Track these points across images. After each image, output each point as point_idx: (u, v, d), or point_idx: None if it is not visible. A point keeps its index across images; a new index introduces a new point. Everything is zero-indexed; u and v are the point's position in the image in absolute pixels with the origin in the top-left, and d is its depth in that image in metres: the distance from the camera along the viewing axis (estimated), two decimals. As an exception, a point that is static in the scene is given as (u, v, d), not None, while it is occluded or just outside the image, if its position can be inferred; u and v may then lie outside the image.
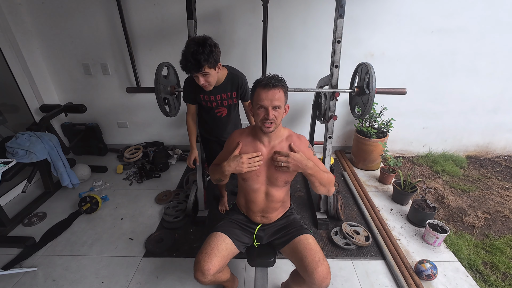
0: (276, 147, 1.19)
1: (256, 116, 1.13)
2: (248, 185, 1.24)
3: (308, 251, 1.13)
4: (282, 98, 1.10)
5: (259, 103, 1.09)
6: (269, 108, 1.08)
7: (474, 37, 2.40)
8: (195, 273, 1.12)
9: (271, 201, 1.26)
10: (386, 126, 2.58)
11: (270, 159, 1.19)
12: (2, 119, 2.29)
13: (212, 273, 1.10)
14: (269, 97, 1.07)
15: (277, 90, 1.08)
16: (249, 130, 1.25)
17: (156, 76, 1.63)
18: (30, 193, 2.31)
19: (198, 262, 1.11)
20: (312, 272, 1.07)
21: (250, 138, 1.22)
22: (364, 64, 1.70)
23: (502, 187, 2.45)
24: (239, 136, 1.24)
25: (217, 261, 1.12)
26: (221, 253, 1.15)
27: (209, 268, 1.09)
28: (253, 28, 2.40)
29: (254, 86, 1.14)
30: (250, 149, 1.20)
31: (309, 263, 1.09)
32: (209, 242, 1.18)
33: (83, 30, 2.49)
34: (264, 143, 1.20)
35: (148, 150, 2.85)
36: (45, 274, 1.62)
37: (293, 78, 2.59)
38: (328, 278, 1.09)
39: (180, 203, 2.14)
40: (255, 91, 1.13)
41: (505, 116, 2.76)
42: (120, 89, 2.77)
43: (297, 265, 1.18)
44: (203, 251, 1.15)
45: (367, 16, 2.35)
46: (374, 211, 2.05)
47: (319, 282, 1.07)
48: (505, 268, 1.65)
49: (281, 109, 1.11)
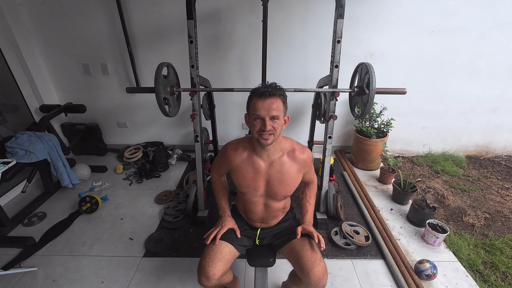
0: (276, 162, 1.13)
1: (252, 127, 1.06)
2: (247, 198, 1.22)
3: (305, 251, 1.12)
4: (280, 108, 1.03)
5: (255, 113, 1.03)
6: (266, 118, 1.01)
7: (474, 37, 2.40)
8: (199, 279, 1.10)
9: (270, 212, 1.25)
10: (386, 126, 2.58)
11: (269, 174, 1.15)
12: (2, 119, 2.29)
13: (217, 278, 1.09)
14: (266, 107, 1.00)
15: (275, 99, 1.01)
16: (245, 143, 1.18)
17: (156, 76, 1.62)
18: (30, 193, 2.31)
19: (203, 268, 1.09)
20: (308, 273, 1.06)
21: (246, 154, 1.15)
22: (364, 64, 1.70)
23: (502, 187, 2.45)
24: (234, 152, 1.17)
25: (221, 266, 1.11)
26: (224, 257, 1.14)
27: (214, 273, 1.08)
28: (253, 28, 2.40)
29: (250, 95, 1.07)
30: (248, 166, 1.15)
31: (305, 263, 1.09)
32: (212, 247, 1.15)
33: (83, 30, 2.48)
34: (263, 158, 1.14)
35: (148, 150, 2.85)
36: (45, 274, 1.62)
37: (292, 78, 2.61)
38: (325, 278, 1.08)
39: (180, 203, 2.14)
40: (251, 101, 1.06)
41: (505, 116, 2.76)
42: (120, 89, 2.77)
43: (294, 265, 1.18)
44: (206, 256, 1.12)
45: (367, 16, 2.34)
46: (374, 211, 2.05)
47: (315, 282, 1.06)
48: (505, 268, 1.65)
49: (280, 120, 1.04)
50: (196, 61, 1.78)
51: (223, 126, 2.92)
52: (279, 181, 1.16)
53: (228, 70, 2.62)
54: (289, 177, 1.16)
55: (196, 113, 1.87)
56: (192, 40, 1.72)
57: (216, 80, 2.60)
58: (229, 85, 2.62)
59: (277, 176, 1.15)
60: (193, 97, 1.83)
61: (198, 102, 1.92)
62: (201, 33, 2.29)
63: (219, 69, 2.62)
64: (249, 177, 1.16)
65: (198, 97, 1.92)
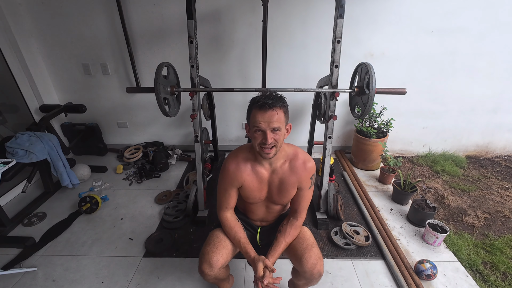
0: (278, 170, 1.11)
1: (253, 139, 1.03)
2: (249, 202, 1.21)
3: (298, 239, 1.12)
4: (281, 119, 1.00)
5: (255, 125, 0.99)
6: (267, 131, 0.97)
7: (474, 37, 2.40)
8: (201, 266, 1.06)
9: (271, 213, 1.25)
10: (386, 126, 2.58)
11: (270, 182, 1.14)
12: (2, 119, 2.29)
13: (220, 266, 1.06)
14: (266, 119, 0.97)
15: (275, 111, 0.97)
16: (245, 154, 1.13)
17: (156, 76, 1.63)
18: (30, 193, 2.31)
19: (206, 254, 1.06)
20: (300, 259, 1.05)
21: (250, 165, 1.11)
22: (364, 64, 1.70)
23: (502, 187, 2.45)
24: (237, 168, 1.11)
25: (225, 253, 1.08)
26: (228, 246, 1.12)
27: (218, 259, 1.05)
28: (253, 28, 2.40)
29: (250, 106, 1.03)
30: (253, 178, 1.11)
31: (297, 250, 1.08)
32: (216, 235, 1.14)
33: (83, 30, 2.48)
34: (265, 166, 1.12)
35: (148, 150, 2.85)
36: (45, 274, 1.62)
37: (292, 78, 2.61)
38: (319, 264, 1.05)
39: (180, 203, 2.14)
40: (251, 112, 1.02)
41: (505, 116, 2.76)
42: (120, 89, 2.77)
43: (290, 258, 1.17)
44: (210, 243, 1.10)
45: (367, 16, 2.34)
46: (374, 211, 2.05)
47: (309, 268, 1.04)
48: (505, 268, 1.65)
49: (281, 131, 1.01)
50: (196, 61, 1.78)
51: (223, 126, 2.92)
52: (278, 189, 1.14)
53: (228, 70, 2.62)
54: (286, 189, 1.13)
55: (196, 113, 1.87)
56: (192, 40, 1.72)
57: (216, 80, 2.60)
58: (229, 85, 2.63)
59: (277, 185, 1.14)
60: (193, 97, 1.83)
61: (198, 102, 1.92)
62: (201, 33, 2.29)
63: (219, 69, 2.62)
64: (255, 187, 1.14)
65: (198, 97, 1.92)
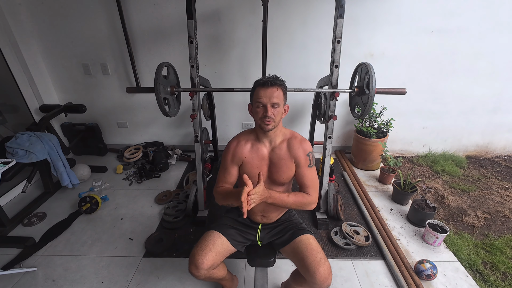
0: (277, 147, 1.22)
1: (255, 115, 1.16)
2: None
3: (310, 251, 1.14)
4: (280, 96, 1.13)
5: (258, 100, 1.13)
6: (268, 105, 1.11)
7: (474, 37, 2.40)
8: (189, 267, 1.13)
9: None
10: (386, 126, 2.58)
11: (270, 159, 1.22)
12: (2, 119, 2.29)
13: (206, 268, 1.11)
14: (268, 95, 1.11)
15: (276, 88, 1.12)
16: (246, 135, 1.27)
17: (156, 76, 1.63)
18: (30, 193, 2.31)
19: (193, 256, 1.13)
20: (314, 272, 1.08)
21: (250, 144, 1.24)
22: (364, 64, 1.70)
23: (502, 187, 2.45)
24: (238, 146, 1.24)
25: (211, 256, 1.13)
26: (216, 249, 1.16)
27: (203, 262, 1.10)
28: (253, 28, 2.40)
29: (254, 86, 1.18)
30: (253, 155, 1.22)
31: (310, 263, 1.10)
32: (205, 238, 1.20)
33: (83, 30, 2.48)
34: (265, 144, 1.23)
35: (148, 150, 2.85)
36: (45, 274, 1.62)
37: (292, 78, 2.60)
38: (330, 278, 1.09)
39: (180, 203, 2.14)
40: (254, 91, 1.16)
41: (505, 116, 2.76)
42: (120, 89, 2.77)
43: (298, 265, 1.18)
44: (198, 245, 1.17)
45: (367, 16, 2.34)
46: (374, 211, 2.05)
47: (321, 282, 1.07)
48: (505, 268, 1.65)
49: (280, 108, 1.14)
50: (196, 61, 1.78)
51: (223, 126, 2.92)
52: (277, 166, 1.21)
53: (228, 70, 2.62)
54: (284, 164, 1.21)
55: (196, 113, 1.87)
56: (192, 40, 1.72)
57: (216, 80, 2.60)
58: (229, 85, 2.62)
59: (276, 162, 1.22)
60: (193, 97, 1.84)
61: (198, 102, 1.92)
62: (201, 33, 2.30)
63: (219, 69, 2.62)
64: (256, 165, 1.22)
65: (198, 97, 1.92)
